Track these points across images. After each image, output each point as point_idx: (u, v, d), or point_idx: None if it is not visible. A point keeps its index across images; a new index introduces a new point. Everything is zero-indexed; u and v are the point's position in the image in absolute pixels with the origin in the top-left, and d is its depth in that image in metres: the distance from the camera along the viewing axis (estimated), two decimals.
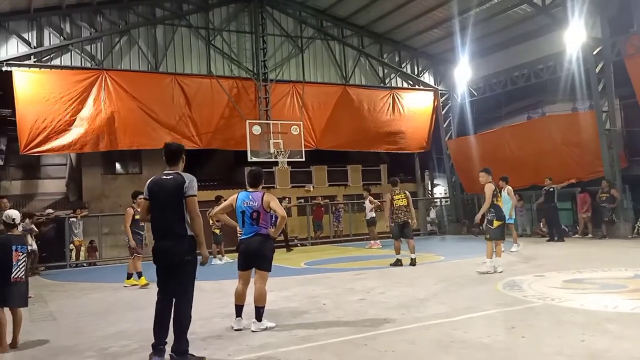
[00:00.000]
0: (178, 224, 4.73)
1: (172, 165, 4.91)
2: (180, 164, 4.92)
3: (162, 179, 4.84)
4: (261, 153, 17.50)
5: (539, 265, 10.02)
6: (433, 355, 4.58)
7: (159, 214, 4.81)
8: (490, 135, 20.10)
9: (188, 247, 4.75)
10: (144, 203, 4.97)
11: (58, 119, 15.43)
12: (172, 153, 4.94)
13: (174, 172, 4.84)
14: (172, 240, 4.73)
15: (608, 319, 5.55)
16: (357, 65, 20.25)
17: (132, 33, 16.95)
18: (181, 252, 4.70)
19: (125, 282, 10.27)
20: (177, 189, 4.73)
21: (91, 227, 16.77)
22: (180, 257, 4.71)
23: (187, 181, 4.74)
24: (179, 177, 4.79)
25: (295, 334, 5.56)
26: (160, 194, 4.79)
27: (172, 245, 4.72)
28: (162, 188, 4.79)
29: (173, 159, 4.92)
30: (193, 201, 4.75)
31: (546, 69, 17.76)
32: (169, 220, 4.74)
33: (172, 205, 4.73)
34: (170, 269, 4.76)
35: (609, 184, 15.21)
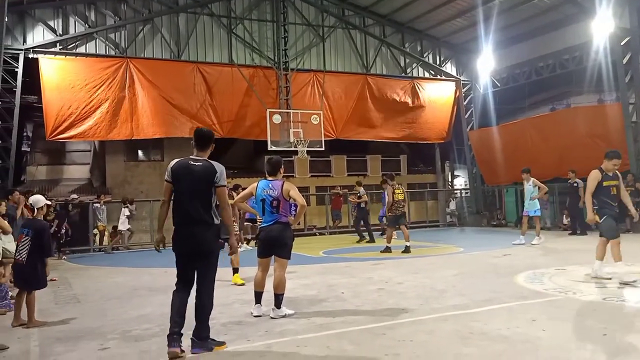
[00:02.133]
0: (206, 211, 4.64)
1: (202, 150, 4.79)
2: (209, 150, 4.84)
3: (190, 164, 4.70)
4: (281, 142, 17.56)
5: (560, 259, 9.90)
6: (451, 346, 4.57)
7: (185, 200, 4.66)
8: (513, 126, 19.82)
9: (214, 235, 4.70)
10: (166, 185, 4.79)
11: (83, 106, 15.67)
12: (203, 138, 4.84)
13: (202, 159, 4.74)
14: (198, 228, 4.62)
15: (632, 313, 5.47)
16: (379, 55, 20.10)
17: (155, 21, 17.09)
18: (208, 240, 4.64)
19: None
20: (207, 176, 4.63)
21: (114, 213, 17.07)
22: (207, 245, 4.64)
23: (218, 171, 4.67)
24: (209, 165, 4.69)
25: (313, 321, 5.60)
26: (187, 179, 4.65)
27: (199, 233, 4.62)
28: (191, 173, 4.65)
29: (204, 144, 4.81)
30: (224, 192, 4.73)
31: (572, 60, 17.40)
32: (196, 207, 4.61)
33: (201, 192, 4.63)
34: (194, 258, 4.67)
35: (635, 178, 14.91)
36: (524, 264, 9.27)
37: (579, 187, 14.95)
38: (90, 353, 4.76)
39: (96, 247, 15.85)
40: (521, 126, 19.45)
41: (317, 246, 14.31)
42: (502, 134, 19.64)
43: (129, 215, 15.63)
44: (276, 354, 4.53)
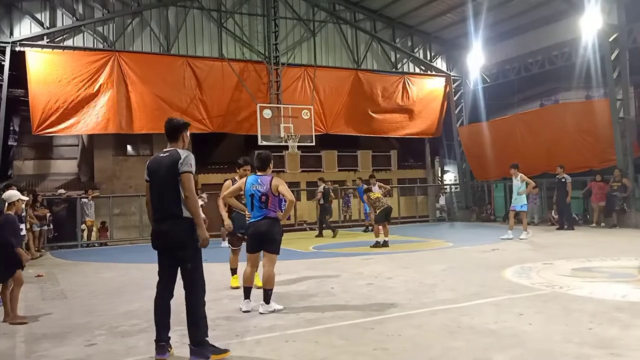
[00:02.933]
0: (174, 203, 4.35)
1: (172, 141, 4.58)
2: (180, 141, 4.58)
3: (160, 156, 4.54)
4: (271, 137, 17.51)
5: (548, 253, 9.98)
6: (440, 340, 4.60)
7: (155, 194, 4.47)
8: (502, 122, 19.93)
9: (185, 228, 4.35)
10: (145, 185, 4.61)
11: (70, 100, 15.50)
12: (172, 129, 4.61)
13: (171, 149, 4.51)
14: (168, 222, 4.37)
15: (617, 307, 5.53)
16: (369, 50, 20.08)
17: (144, 14, 16.93)
18: (178, 234, 4.34)
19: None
20: (172, 165, 4.36)
21: (102, 208, 16.97)
22: (177, 240, 4.34)
23: (182, 157, 4.37)
24: (175, 153, 4.44)
25: (302, 316, 5.60)
26: (157, 173, 4.45)
27: (169, 228, 4.36)
28: (160, 166, 4.44)
29: (173, 134, 4.59)
30: (187, 177, 4.35)
31: (561, 56, 17.50)
32: (164, 200, 4.39)
33: (168, 183, 4.37)
34: (167, 254, 4.44)
35: (621, 173, 15.06)
36: (512, 259, 9.34)
37: (566, 182, 15.07)
38: (78, 349, 4.71)
39: (84, 242, 15.74)
40: (510, 122, 19.56)
41: (307, 241, 14.31)
42: (491, 130, 19.75)
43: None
44: (265, 349, 4.52)
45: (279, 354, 4.38)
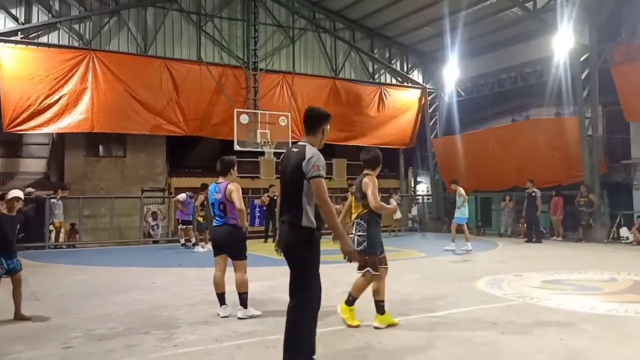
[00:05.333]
0: (293, 208, 3.80)
1: (311, 133, 3.96)
2: (320, 134, 3.95)
3: (291, 151, 3.95)
4: (248, 142, 17.49)
5: (517, 266, 10.24)
6: (417, 349, 4.69)
7: (280, 194, 4.02)
8: (475, 135, 20.34)
9: (299, 239, 3.83)
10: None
11: (43, 98, 15.22)
12: (310, 119, 3.98)
13: (302, 144, 3.89)
14: (285, 227, 3.89)
15: (585, 319, 5.72)
16: (348, 59, 20.30)
17: (122, 14, 16.75)
18: (293, 244, 3.83)
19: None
20: (297, 165, 3.76)
21: (72, 209, 16.59)
22: (289, 249, 3.86)
23: (307, 157, 3.72)
24: (302, 150, 3.81)
25: (282, 322, 5.49)
26: (285, 171, 3.93)
27: (285, 234, 3.88)
28: (287, 163, 3.89)
29: (311, 126, 3.97)
30: (316, 183, 3.71)
31: (533, 73, 18.03)
32: (284, 203, 3.91)
33: (291, 185, 3.84)
34: (288, 262, 3.95)
35: (588, 189, 15.54)
36: (483, 270, 9.54)
37: (536, 196, 15.46)
38: (54, 352, 4.63)
39: (52, 243, 15.35)
40: (483, 136, 19.98)
41: None
42: (464, 143, 20.13)
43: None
44: (246, 354, 4.53)
45: (260, 359, 4.39)
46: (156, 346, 4.70)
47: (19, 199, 6.00)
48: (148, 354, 4.53)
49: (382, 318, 5.36)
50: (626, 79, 15.36)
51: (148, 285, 8.19)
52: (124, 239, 17.28)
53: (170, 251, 14.09)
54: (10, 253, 5.86)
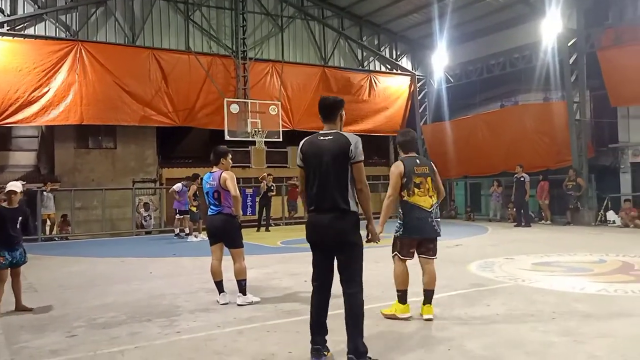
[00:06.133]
0: (341, 195, 3.83)
1: (329, 122, 4.04)
2: (338, 121, 4.06)
3: (319, 139, 3.96)
4: (238, 132, 17.46)
5: (508, 249, 10.42)
6: (417, 330, 4.83)
7: (315, 183, 3.91)
8: (465, 121, 20.48)
9: (351, 224, 3.87)
10: (299, 172, 4.10)
11: (31, 90, 15.05)
12: (327, 107, 4.06)
13: (333, 132, 3.97)
14: (331, 215, 3.84)
15: (576, 299, 5.89)
16: (337, 47, 20.27)
17: (108, 4, 16.55)
18: (343, 230, 3.84)
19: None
20: (340, 152, 3.84)
21: (63, 202, 16.53)
22: (341, 236, 3.85)
23: (352, 142, 3.86)
24: (340, 137, 3.91)
25: (281, 308, 5.73)
26: (318, 158, 3.90)
27: (331, 221, 3.84)
28: (321, 151, 3.90)
29: (329, 114, 4.04)
30: (361, 167, 3.90)
31: (521, 58, 18.14)
32: (328, 191, 3.84)
33: (334, 171, 3.85)
34: (326, 249, 3.93)
35: (576, 173, 15.77)
36: (475, 254, 9.71)
37: (525, 181, 15.67)
38: (59, 339, 4.70)
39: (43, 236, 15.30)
40: (472, 121, 20.13)
41: (275, 236, 14.40)
42: (454, 129, 20.28)
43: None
44: (248, 339, 4.63)
45: (262, 343, 4.49)
46: (159, 333, 4.78)
47: (15, 192, 6.01)
48: (153, 340, 4.62)
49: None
50: (612, 64, 15.52)
51: (145, 275, 8.25)
52: (116, 230, 17.25)
53: (164, 241, 14.13)
54: (13, 245, 5.87)
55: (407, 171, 5.13)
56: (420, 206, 5.12)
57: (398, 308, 5.19)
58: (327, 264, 3.94)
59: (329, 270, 3.95)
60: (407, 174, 5.13)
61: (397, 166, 5.22)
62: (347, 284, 3.88)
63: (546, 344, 4.31)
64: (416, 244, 5.24)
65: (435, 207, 5.22)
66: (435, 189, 5.28)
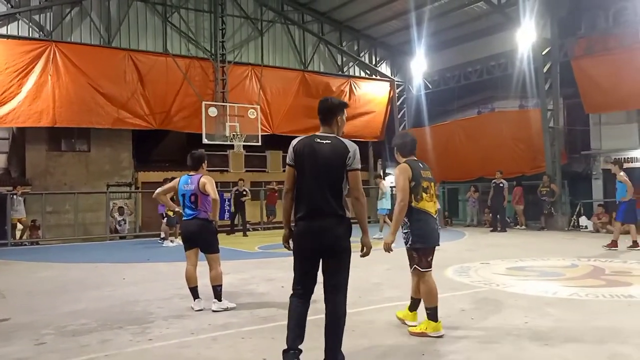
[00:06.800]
0: (336, 201, 3.75)
1: (326, 125, 3.91)
2: (335, 125, 3.92)
3: (316, 142, 3.81)
4: (216, 136, 17.34)
5: (484, 254, 10.53)
6: (391, 336, 4.82)
7: (307, 185, 3.78)
8: (443, 127, 20.72)
9: (346, 231, 3.81)
10: (288, 170, 3.91)
11: (2, 91, 14.74)
12: (327, 110, 3.93)
13: (331, 136, 3.86)
14: (326, 221, 3.74)
15: (548, 303, 5.97)
16: (317, 52, 20.32)
17: (84, 4, 16.32)
18: (338, 236, 3.77)
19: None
20: (338, 157, 3.73)
21: (34, 205, 16.17)
22: (335, 242, 3.77)
23: (351, 150, 3.75)
24: (339, 143, 3.79)
25: (256, 314, 5.67)
26: (313, 160, 3.77)
27: (329, 227, 3.75)
28: (316, 154, 3.77)
29: (328, 117, 3.91)
30: (357, 176, 3.77)
31: (498, 66, 18.44)
32: (322, 195, 3.72)
33: (330, 177, 3.74)
34: (316, 256, 3.83)
35: (550, 179, 16.05)
36: (452, 258, 9.77)
37: (503, 187, 15.89)
38: (27, 348, 4.57)
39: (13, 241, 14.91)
40: (450, 128, 20.37)
41: (252, 241, 14.30)
42: (432, 135, 20.48)
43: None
44: (222, 346, 4.56)
45: (237, 350, 4.44)
46: (131, 340, 4.68)
47: None
48: (123, 348, 4.51)
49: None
50: (585, 73, 15.90)
51: (119, 281, 8.10)
52: (89, 234, 16.92)
53: (139, 246, 13.91)
54: None
55: (415, 174, 4.76)
56: (429, 212, 4.83)
57: (429, 326, 4.77)
58: (314, 271, 3.85)
59: (315, 277, 3.87)
60: (416, 178, 4.76)
61: (404, 169, 4.80)
62: (333, 292, 3.80)
63: (517, 348, 4.35)
64: (432, 253, 4.90)
65: (438, 214, 5.03)
66: (437, 194, 5.07)
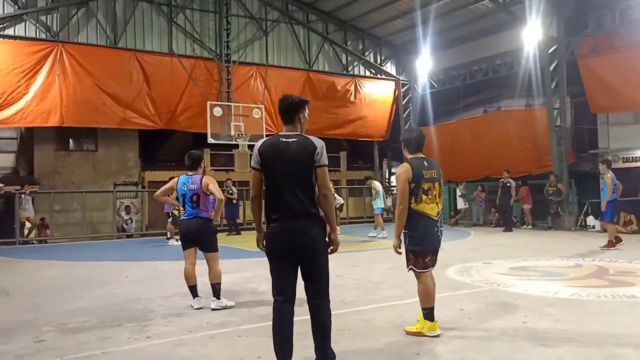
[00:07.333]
0: (308, 199, 3.65)
1: (289, 123, 3.78)
2: (298, 122, 3.79)
3: (282, 141, 3.69)
4: (221, 135, 17.40)
5: (488, 253, 10.50)
6: (387, 334, 4.83)
7: (277, 186, 3.67)
8: (448, 126, 20.65)
9: (320, 230, 3.72)
10: (254, 174, 3.80)
11: (10, 91, 14.85)
12: (287, 107, 3.79)
13: (296, 134, 3.74)
14: (301, 221, 3.64)
15: (548, 303, 5.95)
16: (321, 52, 20.32)
17: (90, 5, 16.43)
18: (314, 235, 3.67)
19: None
20: (305, 155, 3.64)
21: (42, 204, 16.34)
22: (312, 242, 3.68)
23: (318, 147, 3.66)
24: (305, 140, 3.69)
25: (255, 312, 5.71)
26: (280, 161, 3.66)
27: (303, 228, 3.65)
28: (283, 154, 3.66)
29: (289, 114, 3.78)
30: (325, 172, 3.68)
31: (504, 65, 18.34)
32: (294, 195, 3.62)
33: (300, 175, 3.64)
34: (292, 258, 3.71)
35: (556, 178, 15.96)
36: (455, 258, 9.75)
37: (511, 186, 15.83)
38: (27, 345, 4.63)
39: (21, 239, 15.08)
40: (456, 127, 20.30)
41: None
42: (438, 134, 20.42)
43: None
44: (219, 344, 4.60)
45: (233, 348, 4.47)
46: (129, 338, 4.73)
47: None
48: (121, 345, 4.57)
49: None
50: (592, 71, 15.78)
51: (122, 279, 8.18)
52: (96, 233, 17.08)
53: (145, 245, 14.01)
54: None
55: (415, 175, 4.64)
56: (428, 214, 4.70)
57: (425, 325, 4.75)
58: (293, 275, 3.74)
59: (295, 281, 3.76)
60: (416, 179, 4.64)
61: (405, 170, 4.70)
62: (316, 294, 3.74)
63: (514, 348, 4.35)
64: (430, 254, 4.84)
65: (441, 214, 4.83)
66: (441, 194, 4.87)
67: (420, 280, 4.91)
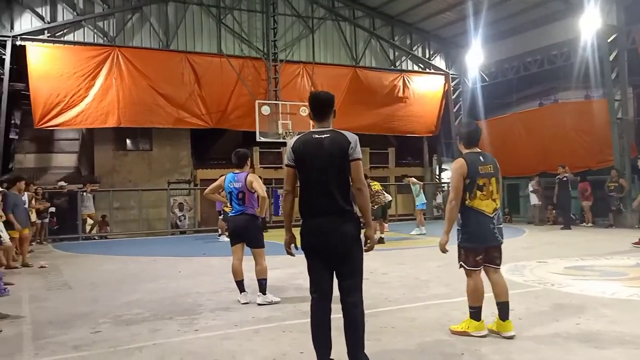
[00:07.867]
0: (343, 196, 3.58)
1: (322, 120, 3.76)
2: (332, 118, 3.79)
3: (315, 137, 3.66)
4: (269, 133, 17.63)
5: (543, 252, 10.14)
6: (431, 333, 4.76)
7: (311, 182, 3.64)
8: (501, 121, 20.07)
9: (353, 227, 3.64)
10: (287, 171, 3.76)
11: (71, 94, 15.67)
12: (320, 104, 3.78)
13: (329, 130, 3.71)
14: (334, 217, 3.58)
15: (605, 304, 5.68)
16: (368, 47, 20.21)
17: (144, 10, 17.05)
18: (349, 232, 3.60)
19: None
20: (339, 149, 3.58)
21: (102, 202, 17.09)
22: (346, 239, 3.61)
23: (352, 141, 3.60)
24: (338, 135, 3.64)
25: (299, 308, 5.75)
26: (314, 158, 3.62)
27: (336, 224, 3.58)
28: (317, 150, 3.62)
29: (322, 111, 3.77)
30: (359, 166, 3.61)
31: (560, 55, 17.64)
32: (328, 191, 3.56)
33: (333, 170, 3.58)
34: (327, 256, 3.66)
35: (618, 174, 15.21)
36: (507, 257, 9.28)
37: (568, 181, 15.23)
38: (84, 335, 4.87)
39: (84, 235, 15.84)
40: (509, 121, 19.70)
41: None
42: (490, 129, 19.79)
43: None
44: (263, 338, 4.68)
45: (276, 343, 4.54)
46: (178, 330, 4.89)
47: None
48: (171, 337, 4.73)
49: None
50: None
51: (174, 274, 8.45)
52: (152, 229, 17.72)
53: (198, 241, 14.41)
54: None
55: (470, 171, 4.52)
56: (482, 211, 4.58)
57: (471, 325, 4.65)
58: (328, 272, 3.70)
59: (330, 278, 3.71)
60: (471, 175, 4.51)
61: (460, 165, 4.56)
62: (350, 292, 3.67)
63: (563, 349, 4.18)
64: (482, 252, 4.74)
65: (498, 211, 4.66)
66: (498, 190, 4.68)
67: (470, 278, 4.83)
